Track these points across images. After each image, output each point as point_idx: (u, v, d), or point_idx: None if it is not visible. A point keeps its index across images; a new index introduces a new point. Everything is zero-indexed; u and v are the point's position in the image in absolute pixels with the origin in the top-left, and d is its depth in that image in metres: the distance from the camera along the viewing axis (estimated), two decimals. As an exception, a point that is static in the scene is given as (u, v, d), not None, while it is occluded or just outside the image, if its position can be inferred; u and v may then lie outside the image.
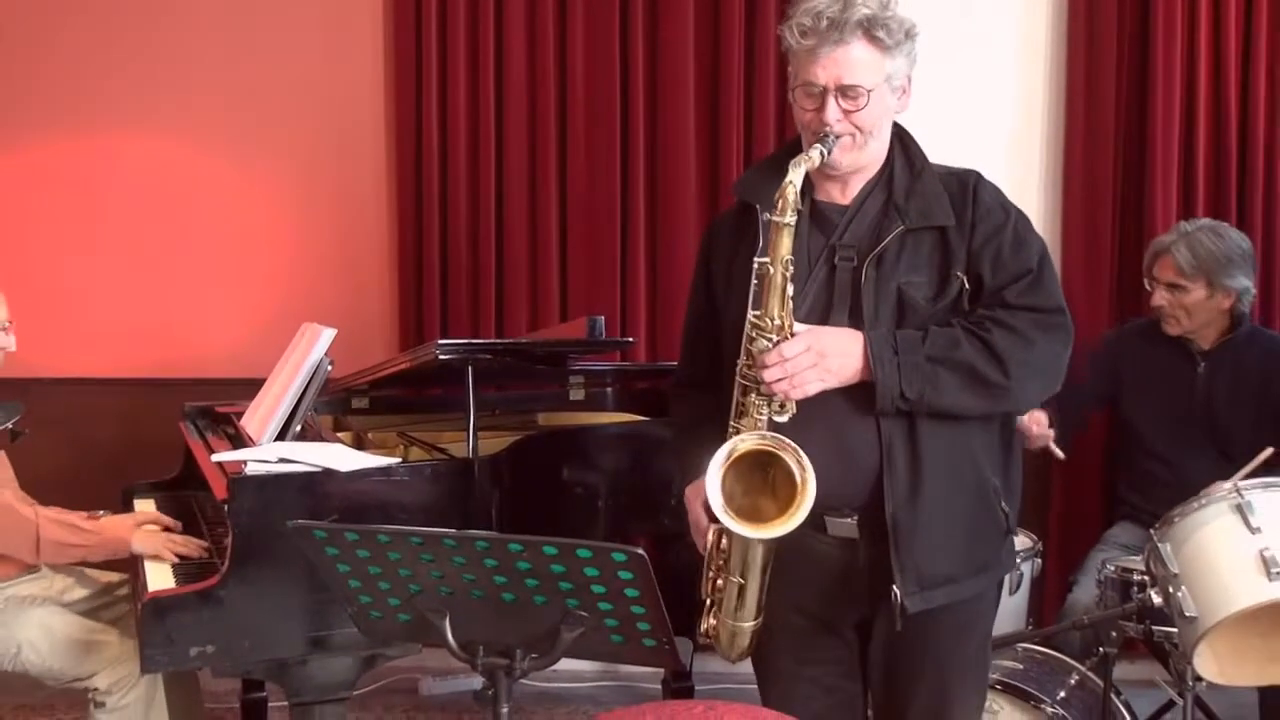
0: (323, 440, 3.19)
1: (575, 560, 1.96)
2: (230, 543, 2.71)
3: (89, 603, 3.30)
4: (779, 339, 2.10)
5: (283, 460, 2.85)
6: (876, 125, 2.21)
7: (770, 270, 2.11)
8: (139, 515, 3.31)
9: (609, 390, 3.91)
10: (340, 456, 2.91)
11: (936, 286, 2.20)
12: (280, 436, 3.11)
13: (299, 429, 3.15)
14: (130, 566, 3.13)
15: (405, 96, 4.41)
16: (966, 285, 2.20)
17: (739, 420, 2.17)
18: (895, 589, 2.17)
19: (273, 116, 4.55)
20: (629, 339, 4.17)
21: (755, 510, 2.12)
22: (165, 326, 4.61)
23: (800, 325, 2.14)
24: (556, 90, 4.38)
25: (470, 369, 3.05)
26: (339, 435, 3.51)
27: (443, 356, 3.03)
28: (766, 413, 2.14)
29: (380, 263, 4.57)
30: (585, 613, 2.03)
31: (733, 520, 2.08)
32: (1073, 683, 2.96)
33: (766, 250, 2.12)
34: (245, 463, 2.85)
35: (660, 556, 2.06)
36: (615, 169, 4.38)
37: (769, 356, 2.10)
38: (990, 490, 2.26)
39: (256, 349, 4.15)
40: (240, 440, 3.29)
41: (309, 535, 2.11)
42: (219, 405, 3.83)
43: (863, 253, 2.20)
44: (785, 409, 2.13)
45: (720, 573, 2.25)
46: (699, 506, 2.25)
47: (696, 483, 2.25)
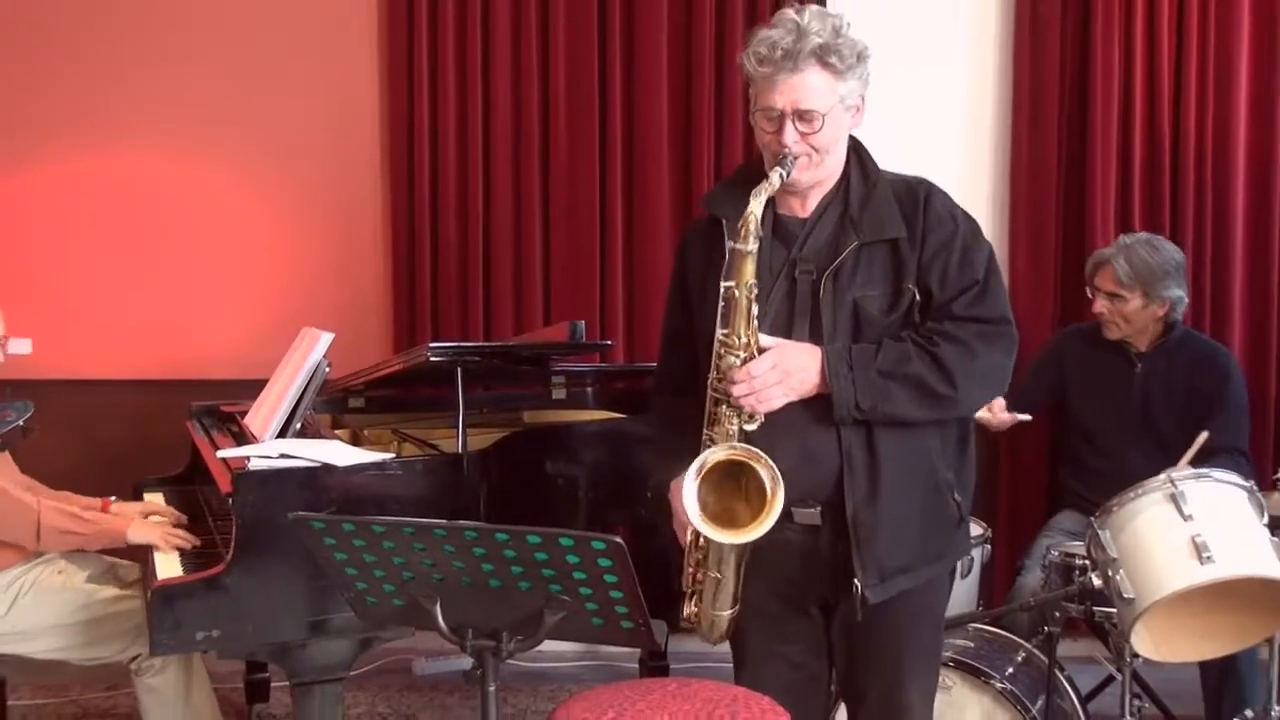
0: (321, 437, 3.18)
1: (558, 548, 1.96)
2: (234, 533, 2.70)
3: (101, 578, 3.25)
4: (746, 356, 2.11)
5: (284, 456, 2.84)
6: (832, 144, 2.21)
7: (735, 294, 2.12)
8: (146, 506, 3.31)
9: (589, 389, 3.90)
10: (338, 452, 2.90)
11: (890, 299, 2.21)
12: (281, 434, 3.10)
13: (299, 427, 3.13)
14: (141, 555, 3.11)
15: (398, 116, 4.41)
16: (917, 297, 2.21)
17: (712, 429, 2.18)
18: (857, 582, 2.19)
19: (273, 135, 4.53)
20: (608, 341, 4.18)
21: (730, 514, 2.12)
22: (172, 331, 4.59)
23: (766, 339, 2.15)
24: (540, 109, 4.38)
25: (459, 370, 3.04)
26: (337, 432, 3.50)
27: (434, 359, 3.02)
28: (737, 422, 2.15)
29: (375, 271, 4.56)
30: (567, 597, 2.02)
31: (709, 527, 2.09)
32: (1020, 660, 2.97)
33: (731, 274, 2.13)
34: (248, 458, 2.83)
35: (637, 545, 2.05)
36: (594, 182, 4.38)
37: (737, 374, 2.11)
38: (944, 485, 2.28)
39: (258, 351, 4.13)
40: (244, 437, 3.28)
41: (308, 526, 2.10)
42: (223, 404, 3.81)
43: (821, 267, 2.20)
44: (754, 418, 2.14)
45: (699, 567, 2.26)
46: (678, 503, 2.25)
47: (676, 480, 2.26)
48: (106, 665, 3.11)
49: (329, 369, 3.19)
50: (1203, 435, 3.18)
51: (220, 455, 3.04)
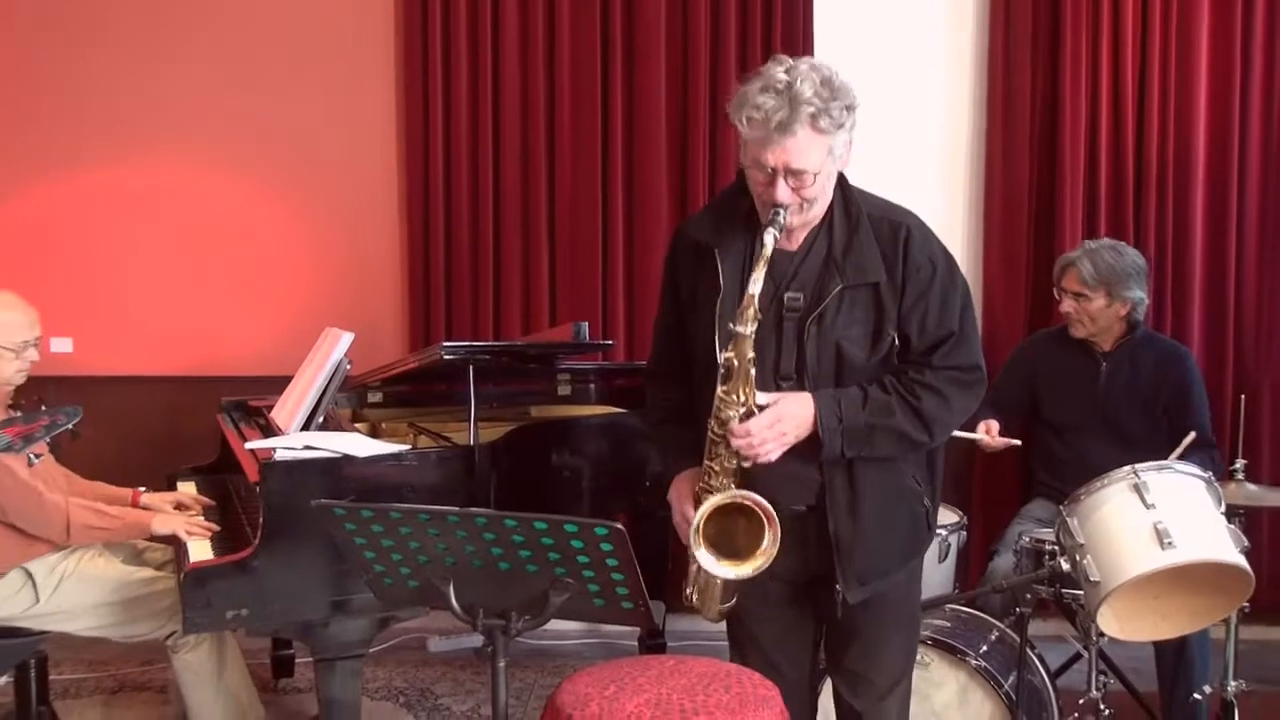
0: (342, 430, 3.18)
1: (563, 534, 1.96)
2: (261, 519, 2.70)
3: (137, 560, 3.25)
4: (744, 411, 2.12)
5: (308, 447, 2.84)
6: (821, 191, 2.17)
7: (734, 364, 2.10)
8: (175, 496, 3.31)
9: (592, 386, 3.90)
10: (358, 444, 2.90)
11: (870, 340, 2.20)
12: (305, 426, 3.10)
13: (322, 420, 3.13)
14: (173, 539, 3.10)
15: (414, 132, 4.41)
16: (897, 343, 2.21)
17: (711, 461, 2.18)
18: (838, 588, 2.23)
19: (296, 149, 4.53)
20: (609, 341, 4.18)
21: (729, 535, 2.14)
22: (203, 331, 4.59)
23: (764, 397, 2.14)
24: (546, 124, 4.37)
25: (471, 368, 3.04)
26: (357, 425, 3.50)
27: (447, 357, 3.02)
28: (735, 461, 2.16)
29: (392, 275, 4.55)
30: (572, 580, 2.03)
31: (716, 565, 2.13)
32: (993, 638, 2.97)
33: (731, 349, 2.10)
34: (275, 449, 2.83)
35: (637, 531, 2.06)
36: (596, 193, 4.38)
37: (737, 429, 2.11)
38: (914, 494, 2.31)
39: (284, 350, 4.13)
40: (270, 430, 3.27)
41: (330, 513, 2.10)
42: (251, 399, 3.81)
43: (807, 306, 2.19)
44: (749, 460, 2.16)
45: (700, 572, 2.27)
46: (681, 508, 2.27)
47: (679, 482, 2.30)
48: (143, 642, 3.11)
49: (349, 367, 3.19)
50: (1190, 435, 3.18)
51: (248, 446, 3.04)
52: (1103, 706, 2.89)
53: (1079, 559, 2.61)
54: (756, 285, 2.06)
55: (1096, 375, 3.51)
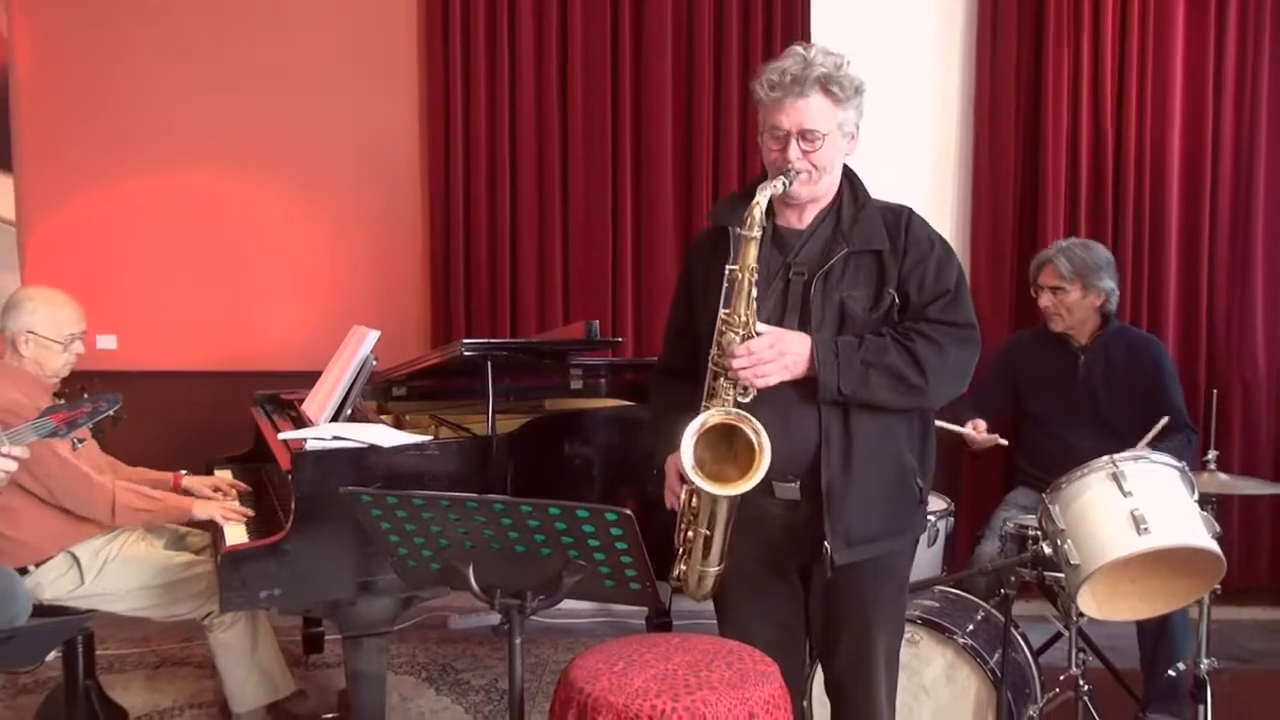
0: (369, 421, 3.18)
1: (575, 519, 1.96)
2: (293, 505, 2.70)
3: (176, 544, 3.26)
4: (744, 334, 2.11)
5: (336, 438, 2.84)
6: (830, 164, 2.20)
7: (739, 276, 2.12)
8: (214, 480, 3.32)
9: (602, 381, 3.90)
10: (383, 435, 2.89)
11: (872, 300, 2.20)
12: (334, 418, 3.10)
13: (350, 412, 3.14)
14: (210, 525, 3.11)
15: (436, 144, 4.43)
16: (897, 301, 2.20)
17: (709, 402, 2.17)
18: (826, 544, 2.19)
19: (327, 159, 4.55)
20: (618, 339, 4.18)
21: (721, 474, 2.11)
22: (239, 328, 4.60)
23: (763, 326, 2.14)
24: (560, 136, 4.39)
25: (489, 364, 3.04)
26: (382, 417, 3.50)
27: (467, 353, 3.02)
28: (732, 394, 2.13)
29: (416, 277, 4.56)
30: (583, 562, 2.02)
31: (703, 480, 2.09)
32: (979, 618, 2.96)
33: (736, 259, 2.13)
34: (306, 440, 2.83)
35: (645, 517, 2.05)
36: (607, 201, 4.39)
37: (738, 349, 2.10)
38: (908, 469, 2.27)
39: (314, 347, 4.13)
40: (301, 421, 3.27)
41: (358, 499, 2.10)
42: (284, 393, 3.82)
43: (813, 270, 2.20)
44: (747, 393, 2.13)
45: (691, 526, 2.25)
46: (674, 473, 2.25)
47: (674, 454, 2.25)
48: (182, 620, 3.12)
49: (375, 363, 3.19)
50: (1163, 420, 3.16)
51: (281, 437, 3.04)
52: (1082, 682, 2.88)
53: (1060, 543, 2.60)
54: (763, 194, 2.11)
55: (1075, 368, 3.51)
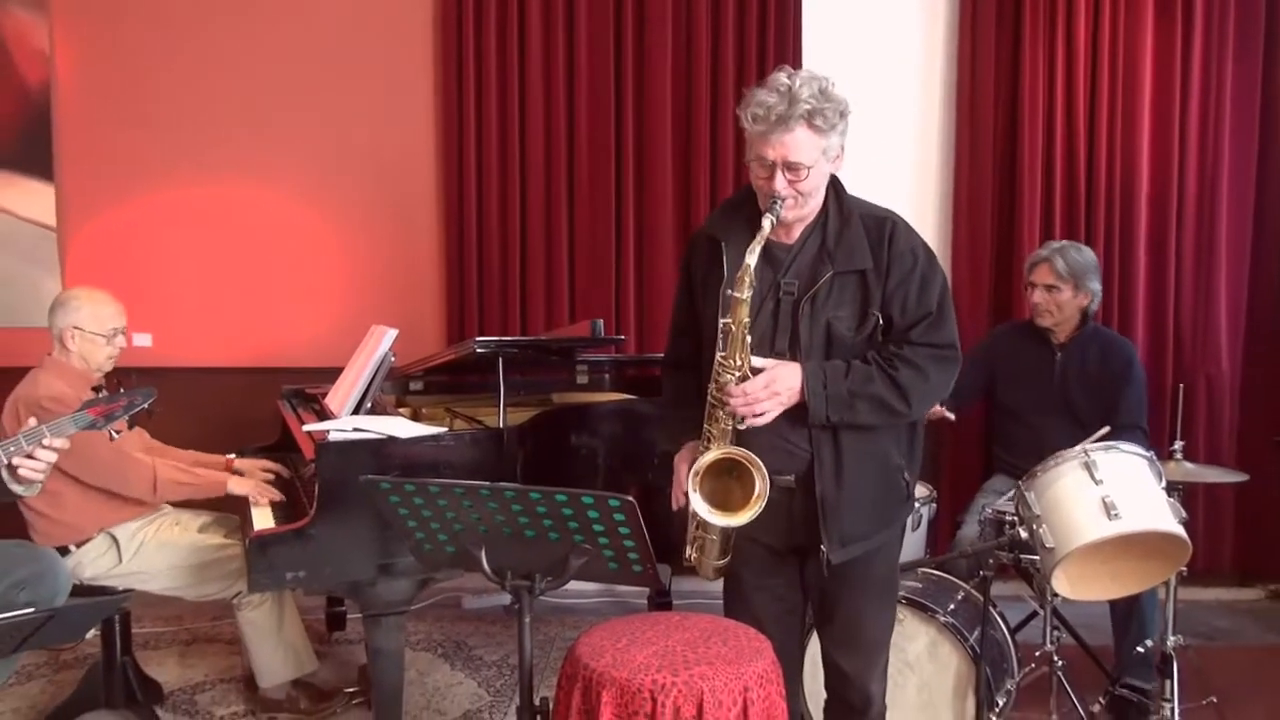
0: (387, 414, 3.18)
1: (581, 506, 1.96)
2: (317, 492, 2.70)
3: (208, 528, 3.27)
4: (740, 375, 2.11)
5: (357, 429, 2.84)
6: (815, 188, 2.16)
7: (732, 328, 2.11)
8: (261, 462, 3.36)
9: (606, 376, 3.90)
10: (401, 426, 2.90)
11: (858, 320, 2.18)
12: (355, 411, 3.10)
13: (370, 406, 3.14)
14: (241, 508, 3.12)
15: (450, 154, 4.41)
16: (880, 322, 2.19)
17: (710, 425, 2.17)
18: (823, 548, 2.20)
19: (348, 168, 4.53)
20: (621, 336, 4.18)
21: (724, 490, 2.12)
22: (266, 327, 4.59)
23: (758, 361, 2.13)
24: (566, 143, 4.38)
25: (501, 360, 3.04)
26: (400, 410, 3.50)
27: (480, 350, 3.02)
28: (731, 423, 2.14)
29: (432, 278, 4.55)
30: (589, 546, 2.02)
31: (711, 515, 2.11)
32: (960, 598, 2.96)
33: (728, 314, 2.11)
34: (329, 431, 2.84)
35: (646, 503, 2.05)
36: (610, 205, 4.37)
37: (734, 389, 2.10)
38: (896, 468, 2.27)
39: (336, 345, 4.12)
40: (325, 414, 3.28)
41: (377, 487, 2.10)
42: (308, 388, 3.82)
43: (801, 290, 2.17)
44: (744, 421, 2.14)
45: (699, 529, 2.28)
46: (684, 469, 2.25)
47: (684, 450, 2.28)
48: (213, 600, 3.13)
49: (393, 359, 3.19)
50: (1104, 429, 3.12)
51: (305, 429, 3.04)
52: (1056, 658, 2.89)
53: (1035, 528, 2.61)
54: (752, 257, 2.07)
55: (1052, 364, 3.50)
